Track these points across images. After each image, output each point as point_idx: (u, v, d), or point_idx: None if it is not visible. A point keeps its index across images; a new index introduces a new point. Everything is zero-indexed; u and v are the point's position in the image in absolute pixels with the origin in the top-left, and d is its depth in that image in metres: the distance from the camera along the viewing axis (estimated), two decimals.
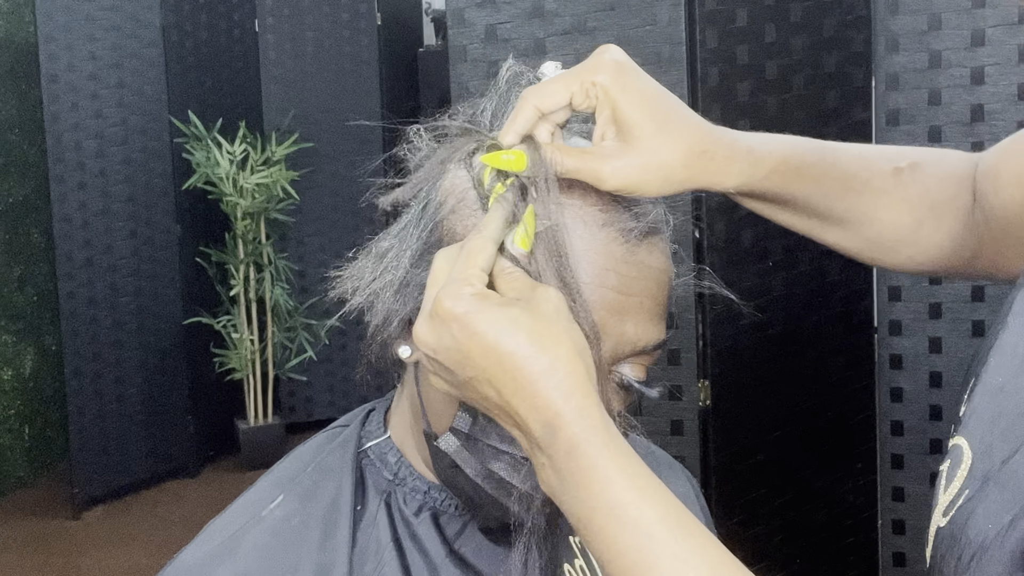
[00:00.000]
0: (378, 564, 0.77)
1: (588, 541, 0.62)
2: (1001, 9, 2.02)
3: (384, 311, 0.75)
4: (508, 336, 0.62)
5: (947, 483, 0.66)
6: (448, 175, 0.76)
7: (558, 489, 0.63)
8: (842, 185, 0.79)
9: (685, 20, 2.07)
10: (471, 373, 0.63)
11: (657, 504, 0.61)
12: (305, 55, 4.41)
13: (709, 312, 2.13)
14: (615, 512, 0.61)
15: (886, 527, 2.24)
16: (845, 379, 2.44)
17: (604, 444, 0.62)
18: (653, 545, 0.60)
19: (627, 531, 0.60)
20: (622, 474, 0.61)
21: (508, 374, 0.62)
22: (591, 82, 0.70)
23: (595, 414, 0.62)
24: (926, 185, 0.81)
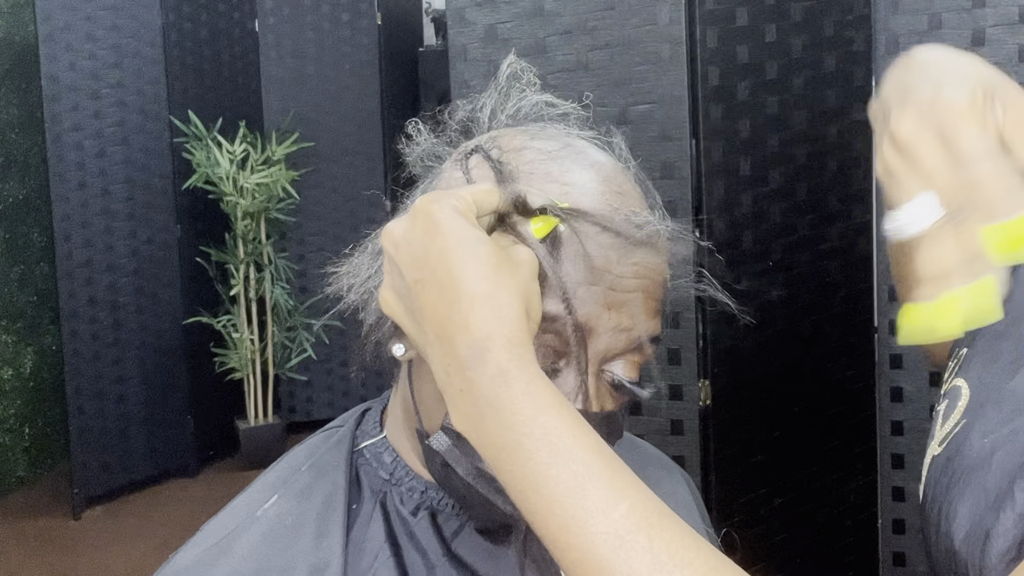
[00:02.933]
0: (373, 563, 0.77)
1: (510, 470, 0.60)
2: (1001, 9, 2.02)
3: (378, 310, 0.75)
4: (467, 250, 0.62)
5: (943, 420, 0.66)
6: (444, 174, 0.77)
7: (475, 417, 0.61)
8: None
9: (685, 20, 2.07)
10: (419, 275, 0.63)
11: (589, 436, 0.60)
12: (305, 55, 4.41)
13: (709, 312, 2.13)
14: (549, 438, 0.59)
15: (886, 527, 2.24)
16: (845, 379, 2.44)
17: (535, 375, 0.61)
18: (588, 472, 0.58)
19: (560, 458, 0.58)
20: (554, 404, 0.60)
21: (452, 284, 0.61)
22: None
23: (526, 346, 0.61)
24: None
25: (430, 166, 0.80)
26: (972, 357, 0.67)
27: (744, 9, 2.16)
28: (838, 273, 2.40)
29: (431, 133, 0.80)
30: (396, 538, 0.78)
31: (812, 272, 2.34)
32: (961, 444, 0.63)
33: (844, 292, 2.42)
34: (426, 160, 0.80)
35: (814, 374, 2.38)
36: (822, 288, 2.37)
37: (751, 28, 2.17)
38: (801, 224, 2.31)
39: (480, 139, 0.77)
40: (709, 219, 2.14)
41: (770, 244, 2.25)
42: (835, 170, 2.31)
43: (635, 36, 2.11)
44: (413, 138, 0.80)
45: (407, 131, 0.80)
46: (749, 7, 2.16)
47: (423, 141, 0.80)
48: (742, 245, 2.21)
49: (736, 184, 2.19)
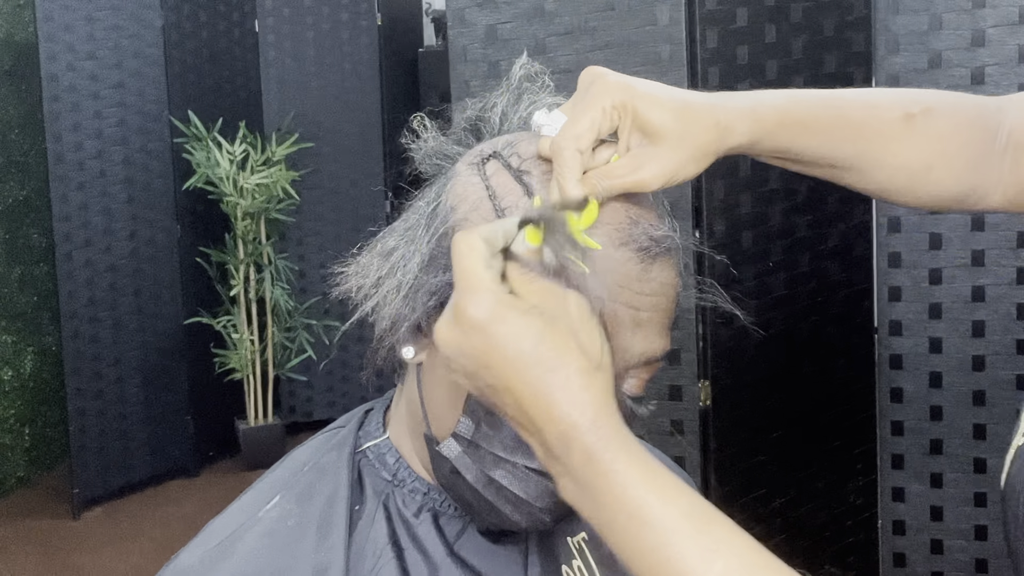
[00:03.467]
0: (376, 564, 0.77)
1: (613, 544, 0.64)
2: (1001, 9, 2.02)
3: (391, 316, 0.74)
4: (529, 348, 0.63)
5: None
6: (460, 178, 0.75)
7: (577, 496, 0.64)
8: (851, 133, 0.80)
9: (685, 20, 2.07)
10: (490, 381, 0.64)
11: (679, 500, 0.63)
12: (305, 55, 4.41)
13: (709, 312, 2.13)
14: (638, 513, 0.62)
15: (886, 527, 2.24)
16: (845, 379, 2.44)
17: (619, 450, 0.63)
18: (678, 539, 0.61)
19: (649, 529, 0.62)
20: (640, 476, 0.63)
21: (526, 386, 0.63)
22: (611, 106, 0.71)
23: (609, 423, 0.63)
24: (939, 131, 0.83)
25: (439, 165, 0.78)
26: None
27: (744, 10, 2.16)
28: (838, 273, 2.40)
29: (438, 131, 0.79)
30: (398, 539, 0.78)
31: (812, 272, 2.34)
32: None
33: (844, 292, 2.42)
34: (435, 159, 0.79)
35: (814, 374, 2.38)
36: (822, 288, 2.37)
37: (751, 29, 2.17)
38: (801, 224, 2.32)
39: (496, 143, 0.76)
40: (709, 219, 2.14)
41: (770, 244, 2.25)
42: None
43: (635, 37, 2.11)
44: (419, 135, 0.79)
45: (412, 126, 0.79)
46: (749, 8, 2.16)
47: (431, 139, 0.79)
48: (742, 245, 2.21)
49: (736, 184, 2.19)
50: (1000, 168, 0.85)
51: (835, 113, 0.80)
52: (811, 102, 0.80)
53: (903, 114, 0.83)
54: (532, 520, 0.73)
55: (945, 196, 0.86)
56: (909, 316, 2.16)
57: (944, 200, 0.86)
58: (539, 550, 0.82)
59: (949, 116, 0.84)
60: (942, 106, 0.84)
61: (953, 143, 0.84)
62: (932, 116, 0.83)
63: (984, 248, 2.10)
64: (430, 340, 0.75)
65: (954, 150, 0.84)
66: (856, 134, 0.81)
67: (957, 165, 0.84)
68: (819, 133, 0.79)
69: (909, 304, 2.16)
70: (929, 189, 0.85)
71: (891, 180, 0.84)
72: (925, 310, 2.15)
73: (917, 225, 2.13)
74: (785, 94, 0.79)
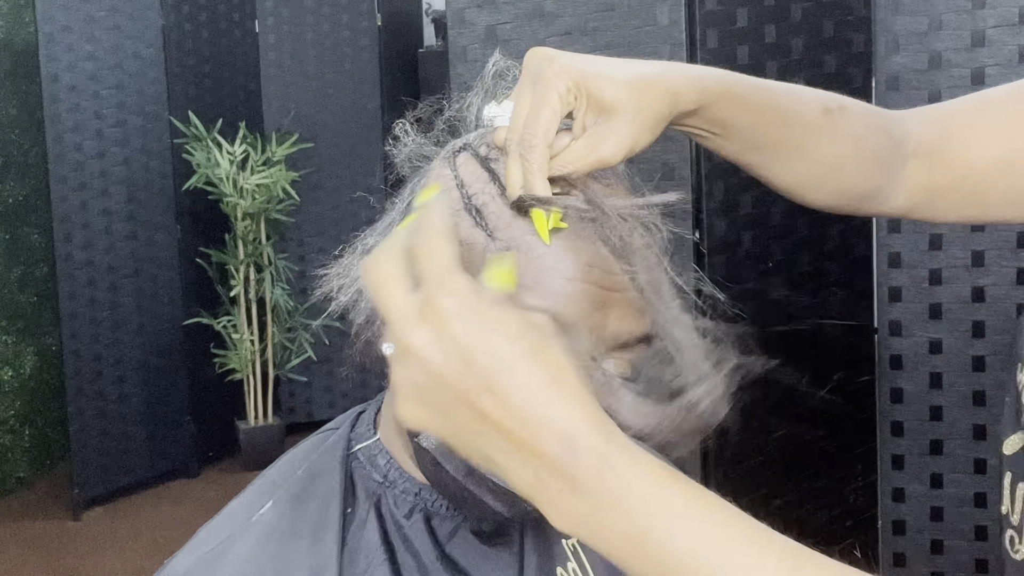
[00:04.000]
0: (368, 567, 0.77)
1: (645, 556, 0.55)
2: (1001, 9, 2.02)
3: (367, 309, 0.75)
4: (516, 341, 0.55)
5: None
6: (432, 173, 0.76)
7: (587, 513, 0.55)
8: (779, 117, 0.83)
9: (685, 20, 2.07)
10: (469, 383, 0.55)
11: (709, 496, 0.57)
12: (305, 55, 4.41)
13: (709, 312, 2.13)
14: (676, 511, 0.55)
15: (886, 527, 2.23)
16: (845, 379, 2.44)
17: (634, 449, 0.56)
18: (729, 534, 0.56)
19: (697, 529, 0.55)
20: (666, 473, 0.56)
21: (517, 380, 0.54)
22: (565, 90, 0.71)
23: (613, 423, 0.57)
24: (852, 129, 0.87)
25: (418, 166, 0.79)
26: None
27: (744, 10, 2.16)
28: (838, 273, 2.40)
29: (419, 133, 0.80)
30: (390, 541, 0.78)
31: (812, 272, 2.34)
32: None
33: (844, 292, 2.42)
34: (414, 161, 0.80)
35: (814, 374, 2.38)
36: (822, 288, 2.37)
37: (751, 29, 2.17)
38: (801, 225, 2.31)
39: (468, 137, 0.77)
40: (709, 219, 2.14)
41: (770, 245, 2.25)
42: None
43: (635, 37, 2.11)
44: (400, 139, 0.80)
45: (394, 132, 0.80)
46: (749, 8, 2.16)
47: (410, 142, 0.80)
48: (742, 245, 2.21)
49: (736, 185, 2.19)
50: (904, 173, 0.89)
51: (768, 96, 0.83)
52: (748, 83, 0.82)
53: (823, 108, 0.85)
54: (514, 509, 0.72)
55: (851, 194, 0.89)
56: (909, 316, 2.16)
57: (850, 199, 0.90)
58: (533, 552, 0.82)
59: (862, 117, 0.88)
60: (856, 107, 0.88)
61: (866, 143, 0.87)
62: (847, 114, 0.86)
63: (984, 248, 2.10)
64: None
65: (866, 149, 0.87)
66: (782, 119, 0.83)
67: (867, 165, 0.87)
68: (753, 112, 0.81)
69: (909, 304, 2.16)
70: (839, 185, 0.88)
71: (807, 172, 0.86)
72: (925, 310, 2.15)
73: (917, 225, 2.13)
74: (726, 72, 0.81)
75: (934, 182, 0.89)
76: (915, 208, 0.91)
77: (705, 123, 0.79)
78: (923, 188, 0.89)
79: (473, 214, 0.72)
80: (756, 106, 0.81)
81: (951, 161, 0.88)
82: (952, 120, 0.90)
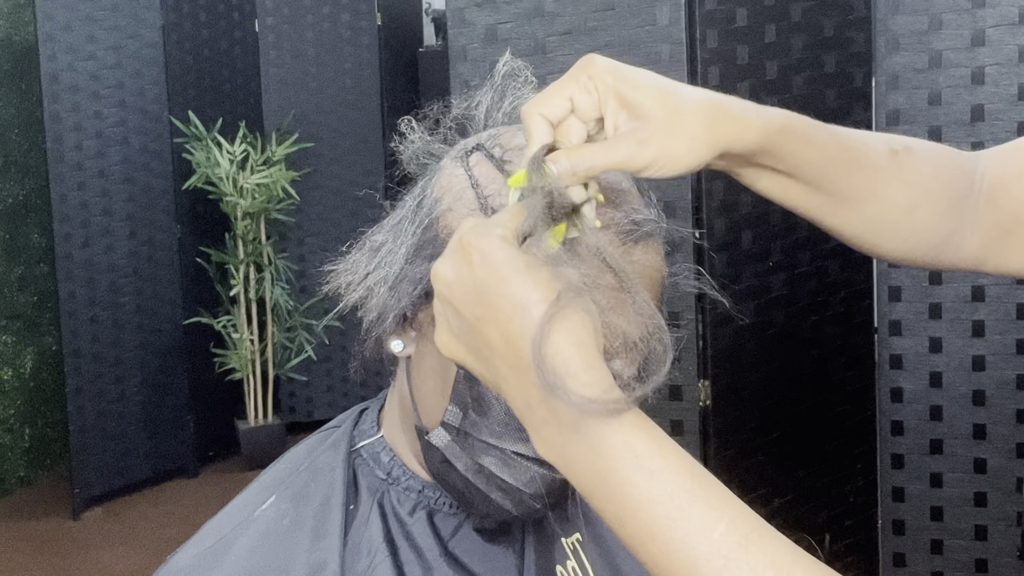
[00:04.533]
0: (370, 564, 0.77)
1: (604, 496, 0.59)
2: (1001, 9, 2.02)
3: (379, 307, 0.75)
4: (526, 278, 0.59)
5: None
6: (444, 171, 0.76)
7: (563, 445, 0.59)
8: (845, 156, 0.78)
9: (685, 20, 2.07)
10: (480, 311, 0.60)
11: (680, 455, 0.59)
12: (305, 55, 4.41)
13: (709, 312, 2.13)
14: (641, 460, 0.58)
15: (886, 527, 2.24)
16: (845, 379, 2.44)
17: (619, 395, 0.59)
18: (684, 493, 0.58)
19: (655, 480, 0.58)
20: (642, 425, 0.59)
21: (518, 314, 0.59)
22: (587, 76, 0.69)
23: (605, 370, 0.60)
24: (921, 169, 0.82)
25: (426, 164, 0.79)
26: None
27: (744, 9, 2.16)
28: (838, 273, 2.40)
29: (425, 131, 0.80)
30: (393, 538, 0.78)
31: (812, 272, 2.34)
32: None
33: (844, 292, 2.42)
34: (421, 158, 0.80)
35: (814, 374, 2.38)
36: (822, 288, 2.37)
37: (751, 28, 2.17)
38: (801, 224, 2.31)
39: (480, 137, 0.77)
40: (709, 219, 2.14)
41: (770, 244, 2.25)
42: None
43: (635, 37, 2.11)
44: (406, 136, 0.80)
45: (400, 129, 0.81)
46: (749, 7, 2.16)
47: (417, 139, 0.80)
48: (742, 245, 2.21)
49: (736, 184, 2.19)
50: (976, 210, 0.84)
51: (830, 134, 0.78)
52: (808, 120, 0.77)
53: (888, 149, 0.81)
54: (522, 508, 0.73)
55: (929, 241, 0.84)
56: (909, 316, 2.16)
57: (927, 245, 0.84)
58: (534, 550, 0.82)
59: (929, 156, 0.84)
60: (921, 147, 0.84)
61: (937, 182, 0.83)
62: (914, 155, 0.82)
63: None
64: (417, 332, 0.76)
65: (938, 189, 0.83)
66: (850, 158, 0.79)
67: (941, 205, 0.83)
68: (819, 148, 0.77)
69: (909, 304, 2.16)
70: (915, 229, 0.83)
71: (880, 217, 0.81)
72: (925, 310, 2.15)
73: None
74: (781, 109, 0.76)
75: (999, 218, 0.83)
76: (987, 250, 0.84)
77: (771, 160, 0.74)
78: (991, 225, 0.84)
79: (489, 214, 0.72)
80: (822, 142, 0.77)
81: (1012, 191, 0.83)
82: (1018, 151, 0.85)
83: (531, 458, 0.71)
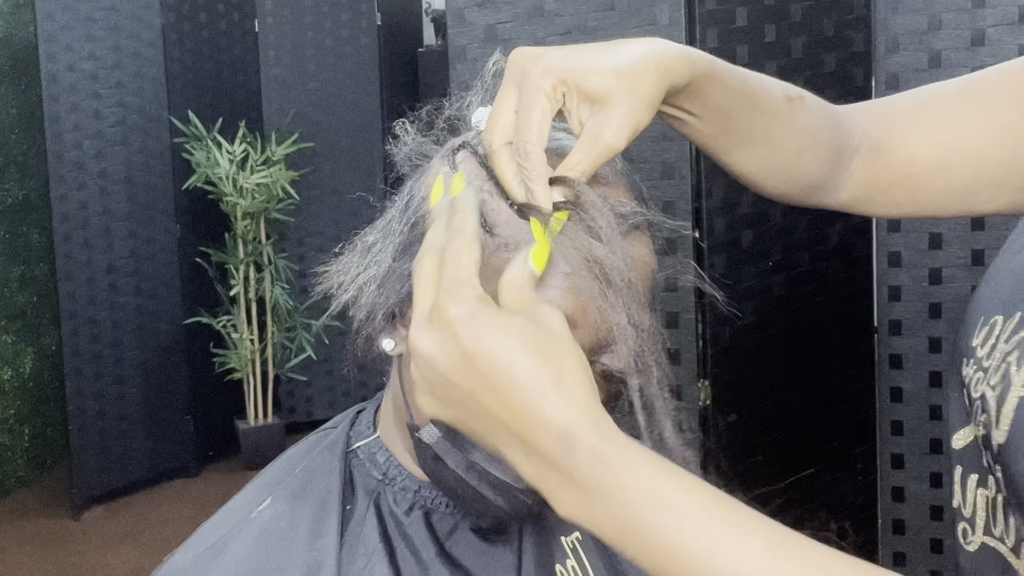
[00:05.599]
0: (367, 563, 0.77)
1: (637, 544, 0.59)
2: (1001, 9, 2.02)
3: (368, 305, 0.75)
4: (514, 343, 0.59)
5: (1018, 366, 0.67)
6: (431, 170, 0.77)
7: (584, 505, 0.59)
8: (751, 101, 0.82)
9: (685, 20, 2.07)
10: (473, 384, 0.60)
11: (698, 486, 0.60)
12: (305, 55, 4.41)
13: (709, 312, 2.13)
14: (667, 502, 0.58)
15: (886, 527, 2.23)
16: (845, 379, 2.44)
17: (627, 444, 0.60)
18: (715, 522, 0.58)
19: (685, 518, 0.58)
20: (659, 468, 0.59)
21: (516, 382, 0.59)
22: (552, 86, 0.70)
23: (607, 420, 0.60)
24: (811, 118, 0.87)
25: (418, 164, 0.80)
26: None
27: (744, 9, 2.15)
28: (838, 273, 2.40)
29: (419, 133, 0.81)
30: (390, 538, 0.78)
31: (812, 272, 2.34)
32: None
33: (844, 292, 2.42)
34: (414, 159, 0.80)
35: (814, 374, 2.38)
36: (822, 288, 2.37)
37: (751, 28, 2.17)
38: (801, 224, 2.31)
39: (468, 135, 0.78)
40: (709, 219, 2.14)
41: (770, 244, 2.25)
42: None
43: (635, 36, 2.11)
44: (400, 138, 0.81)
45: (394, 132, 0.81)
46: (749, 7, 2.16)
47: (410, 141, 0.80)
48: (742, 245, 2.21)
49: (736, 184, 2.19)
50: (850, 166, 0.90)
51: (742, 79, 0.82)
52: (724, 64, 0.81)
53: (786, 96, 0.86)
54: (514, 504, 0.73)
55: (805, 184, 0.89)
56: (909, 316, 2.16)
57: (803, 188, 0.89)
58: (532, 549, 0.82)
59: (818, 108, 0.88)
60: (811, 99, 0.88)
61: (822, 132, 0.87)
62: (806, 104, 0.87)
63: (984, 248, 2.10)
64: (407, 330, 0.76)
65: (824, 138, 0.87)
66: (753, 104, 0.83)
67: (823, 153, 0.87)
68: (730, 93, 0.80)
69: (909, 304, 2.16)
70: (796, 174, 0.87)
71: (768, 159, 0.86)
72: (925, 310, 2.15)
73: (917, 224, 2.13)
74: (703, 52, 0.80)
75: (875, 178, 0.90)
76: (855, 202, 0.92)
77: (688, 102, 0.78)
78: (865, 183, 0.90)
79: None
80: (732, 87, 0.80)
81: (892, 158, 0.89)
82: (895, 119, 0.91)
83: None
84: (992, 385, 0.69)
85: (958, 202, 0.88)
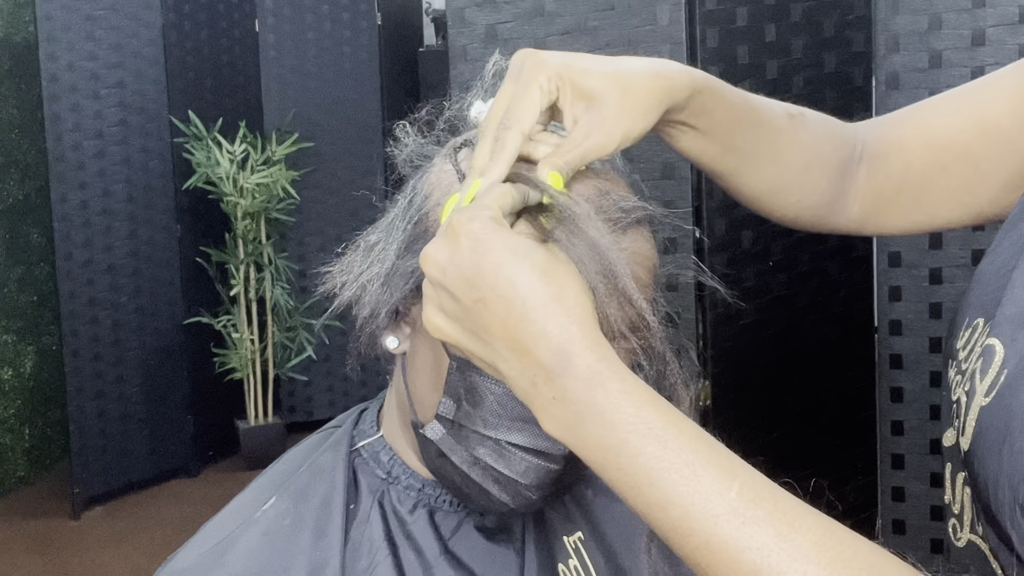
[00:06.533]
0: (371, 562, 0.77)
1: (618, 467, 0.60)
2: (1001, 9, 2.02)
3: (372, 303, 0.76)
4: (522, 259, 0.61)
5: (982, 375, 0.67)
6: (434, 168, 0.77)
7: (573, 422, 0.60)
8: (755, 117, 0.83)
9: (685, 20, 2.07)
10: (478, 294, 0.61)
11: (687, 423, 0.61)
12: (305, 55, 4.41)
13: (709, 312, 2.13)
14: (654, 431, 0.59)
15: (886, 527, 2.24)
16: (845, 379, 2.44)
17: (624, 371, 0.61)
18: (697, 459, 0.60)
19: (669, 449, 0.59)
20: (650, 398, 0.60)
21: (518, 295, 0.61)
22: (545, 78, 0.71)
23: (607, 345, 0.61)
24: (814, 132, 0.88)
25: (419, 166, 0.80)
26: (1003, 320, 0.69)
27: (744, 9, 2.16)
28: (838, 273, 2.40)
29: (419, 134, 0.81)
30: (393, 537, 0.79)
31: (812, 272, 2.34)
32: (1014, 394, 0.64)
33: (844, 292, 2.42)
34: (415, 160, 0.81)
35: (814, 374, 2.38)
36: (822, 288, 2.37)
37: (751, 28, 2.17)
38: None
39: (469, 135, 0.78)
40: (709, 219, 2.14)
41: (770, 244, 2.25)
42: None
43: (635, 36, 2.11)
44: (400, 140, 0.81)
45: (395, 134, 0.82)
46: (749, 7, 2.16)
47: (411, 142, 0.81)
48: (742, 244, 2.21)
49: None
50: (856, 178, 0.90)
51: (742, 96, 0.83)
52: (722, 82, 0.81)
53: (786, 113, 0.86)
54: (519, 499, 0.73)
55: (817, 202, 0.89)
56: (909, 316, 2.16)
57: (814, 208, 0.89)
58: (535, 548, 0.82)
59: (819, 123, 0.89)
60: (812, 114, 0.89)
61: (826, 146, 0.88)
62: (807, 119, 0.87)
63: (984, 247, 2.09)
64: (410, 327, 0.77)
65: (828, 152, 0.88)
66: (757, 120, 0.83)
67: (829, 169, 0.88)
68: (733, 109, 0.81)
69: (909, 304, 2.16)
70: (807, 191, 0.87)
71: (777, 178, 0.86)
72: (925, 310, 2.15)
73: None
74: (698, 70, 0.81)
75: (879, 186, 0.90)
76: (866, 217, 0.91)
77: (692, 117, 0.79)
78: (871, 192, 0.90)
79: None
80: (734, 103, 0.81)
81: (891, 163, 0.89)
82: (891, 124, 0.91)
83: (526, 448, 0.72)
84: (966, 391, 0.70)
85: (963, 205, 0.88)
